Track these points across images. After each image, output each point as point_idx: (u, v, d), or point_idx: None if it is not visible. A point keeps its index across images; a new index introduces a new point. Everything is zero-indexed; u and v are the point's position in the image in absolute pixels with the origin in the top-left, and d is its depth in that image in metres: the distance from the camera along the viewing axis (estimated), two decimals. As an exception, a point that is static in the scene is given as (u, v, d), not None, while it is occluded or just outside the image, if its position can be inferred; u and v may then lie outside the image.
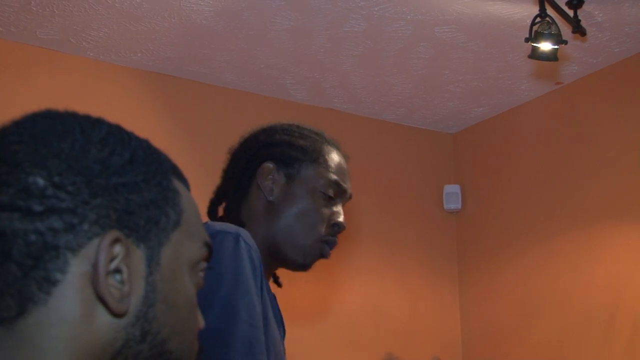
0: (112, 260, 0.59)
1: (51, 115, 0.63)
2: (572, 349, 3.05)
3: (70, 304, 0.58)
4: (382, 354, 1.45)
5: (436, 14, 2.66)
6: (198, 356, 0.69)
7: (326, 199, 1.29)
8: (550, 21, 2.37)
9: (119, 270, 0.59)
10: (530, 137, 3.44)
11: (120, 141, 0.63)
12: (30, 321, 0.57)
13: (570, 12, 2.49)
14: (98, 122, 0.64)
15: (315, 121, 3.49)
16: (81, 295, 0.58)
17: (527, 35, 2.39)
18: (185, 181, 0.70)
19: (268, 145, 1.31)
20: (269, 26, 2.76)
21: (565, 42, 2.40)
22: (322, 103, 3.48)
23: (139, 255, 0.61)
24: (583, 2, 2.49)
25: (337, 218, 1.30)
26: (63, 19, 2.67)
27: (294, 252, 1.26)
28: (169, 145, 0.74)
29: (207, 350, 0.98)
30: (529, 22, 2.42)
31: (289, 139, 1.31)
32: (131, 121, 0.68)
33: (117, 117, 0.68)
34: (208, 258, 0.69)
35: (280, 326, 1.30)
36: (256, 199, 1.29)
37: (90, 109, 0.67)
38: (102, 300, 0.58)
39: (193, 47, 2.92)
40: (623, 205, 2.94)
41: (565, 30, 2.53)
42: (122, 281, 0.59)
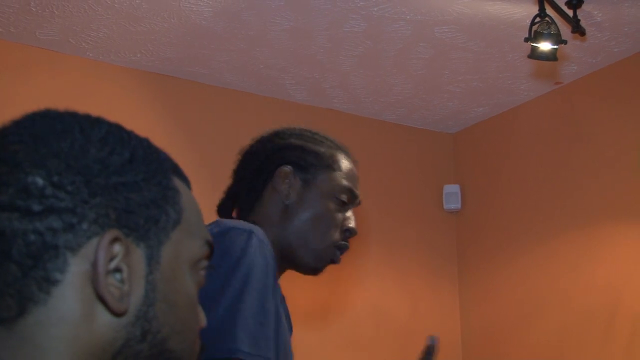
0: (111, 259, 0.58)
1: (51, 115, 0.63)
2: (572, 348, 3.05)
3: (70, 304, 0.57)
4: (382, 354, 1.45)
5: (436, 14, 2.66)
6: (200, 355, 0.68)
7: (339, 204, 1.32)
8: (550, 21, 2.37)
9: (118, 270, 0.59)
10: (529, 137, 3.44)
11: (120, 140, 0.63)
12: (31, 321, 0.57)
13: (570, 12, 2.49)
14: (98, 121, 0.64)
15: (315, 121, 3.51)
16: (81, 295, 0.58)
17: (527, 35, 2.40)
18: (186, 179, 0.70)
19: (283, 148, 1.32)
20: (268, 26, 2.76)
21: (565, 42, 2.40)
22: (322, 103, 3.48)
23: (138, 254, 0.61)
24: (582, 2, 2.49)
25: (350, 223, 1.33)
26: (63, 19, 2.67)
27: (307, 256, 1.29)
28: (168, 146, 0.74)
29: (213, 344, 0.98)
30: (528, 22, 2.42)
31: (304, 143, 1.33)
32: (131, 121, 0.68)
33: (117, 117, 0.68)
34: (209, 256, 0.69)
35: (289, 327, 1.31)
36: (270, 201, 1.30)
37: (90, 109, 0.67)
38: (102, 299, 0.58)
39: (192, 48, 2.93)
40: (623, 205, 2.94)
41: (565, 30, 2.53)
42: (122, 280, 0.59)
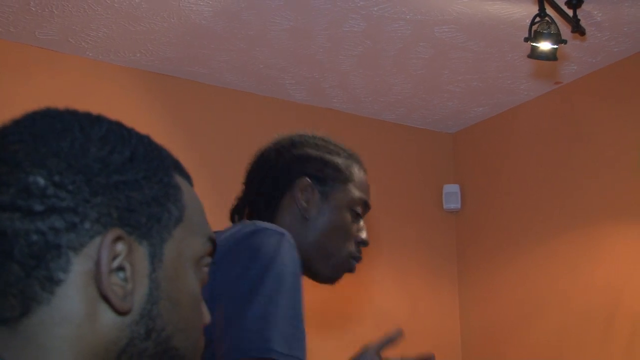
0: (114, 258, 0.58)
1: (50, 114, 0.63)
2: (572, 348, 3.05)
3: (73, 303, 0.57)
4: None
5: (435, 13, 2.66)
6: (204, 351, 0.68)
7: (354, 215, 1.35)
8: (550, 21, 2.37)
9: (121, 268, 0.59)
10: (529, 136, 3.44)
11: (121, 138, 0.63)
12: (34, 321, 0.57)
13: (570, 12, 2.49)
14: (98, 119, 0.64)
15: (315, 121, 3.51)
16: (84, 294, 0.58)
17: (527, 35, 2.40)
18: (187, 176, 0.69)
19: (302, 159, 1.33)
20: (268, 26, 2.76)
21: (565, 41, 2.40)
22: (322, 103, 3.48)
23: (141, 253, 0.61)
24: (582, 1, 2.49)
25: (363, 235, 1.36)
26: (62, 19, 2.67)
27: (325, 266, 1.32)
28: (168, 145, 0.74)
29: (247, 344, 1.00)
30: (528, 21, 2.42)
31: (322, 155, 1.34)
32: (130, 121, 0.68)
33: (116, 117, 0.68)
34: (212, 253, 0.69)
35: None
36: (288, 212, 1.31)
37: (89, 109, 0.67)
38: (105, 298, 0.58)
39: (192, 47, 2.92)
40: (622, 205, 2.94)
41: (565, 29, 2.53)
42: (125, 279, 0.59)
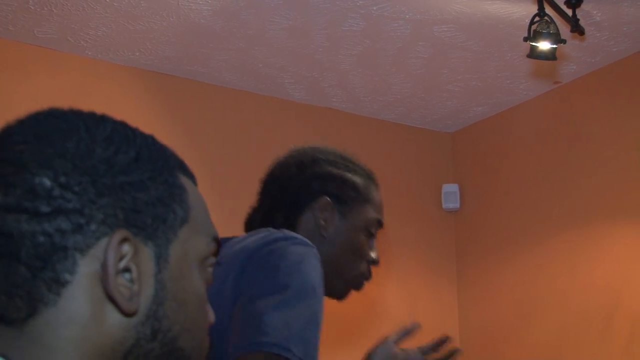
0: (120, 259, 0.58)
1: (55, 114, 0.63)
2: (570, 348, 3.05)
3: (79, 305, 0.57)
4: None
5: (435, 13, 2.66)
6: (209, 351, 0.69)
7: (368, 235, 1.36)
8: (549, 20, 2.37)
9: (128, 269, 0.59)
10: (528, 136, 3.44)
11: (126, 139, 0.63)
12: (40, 322, 0.57)
13: (569, 12, 2.49)
14: (102, 119, 0.64)
15: (314, 120, 3.51)
16: (91, 296, 0.58)
17: (526, 35, 2.39)
18: (192, 177, 0.70)
19: (323, 178, 1.34)
20: (267, 25, 2.75)
21: (564, 41, 2.40)
22: (321, 102, 3.48)
23: (147, 254, 0.61)
24: (582, 1, 2.49)
25: (374, 254, 1.38)
26: (61, 17, 2.67)
27: (337, 284, 1.33)
28: (166, 144, 0.74)
29: (267, 339, 1.01)
30: (527, 21, 2.42)
31: (343, 174, 1.35)
32: (129, 120, 0.68)
33: (115, 116, 0.68)
34: (217, 253, 0.69)
35: None
36: (306, 228, 1.32)
37: (89, 108, 0.67)
38: (112, 299, 0.58)
39: (191, 46, 2.92)
40: (621, 205, 2.94)
41: (564, 29, 2.53)
42: (131, 280, 0.59)
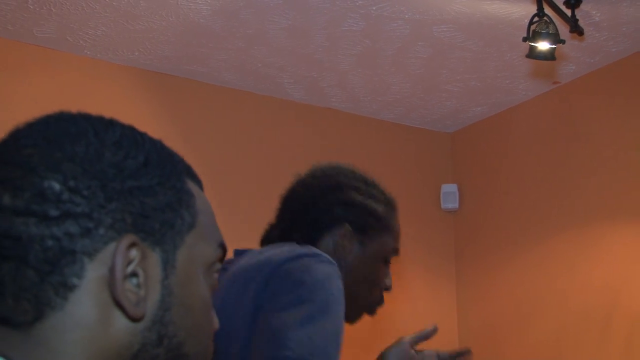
0: (128, 264, 0.58)
1: (64, 118, 0.63)
2: (570, 348, 3.05)
3: (86, 309, 0.57)
4: (379, 352, 1.46)
5: (434, 13, 2.66)
6: (213, 357, 0.69)
7: (385, 263, 1.36)
8: (548, 20, 2.37)
9: (135, 274, 0.59)
10: (527, 136, 3.44)
11: (135, 144, 0.63)
12: (47, 325, 0.57)
13: (568, 12, 2.50)
14: (111, 124, 0.64)
15: (313, 120, 3.51)
16: (98, 300, 0.58)
17: (525, 35, 2.40)
18: (199, 182, 0.70)
19: (346, 205, 1.33)
20: (266, 25, 2.75)
21: (563, 41, 2.40)
22: (320, 102, 3.48)
23: (154, 259, 0.61)
24: (581, 1, 2.50)
25: (389, 282, 1.38)
26: (60, 17, 2.66)
27: (352, 310, 1.32)
28: (166, 144, 0.74)
29: (288, 353, 1.03)
30: (526, 21, 2.42)
31: (365, 202, 1.33)
32: (128, 120, 0.68)
33: (115, 116, 0.68)
34: (223, 259, 0.69)
35: None
36: (325, 251, 1.31)
37: (88, 107, 0.67)
38: (119, 304, 0.58)
39: (191, 46, 2.92)
40: (620, 205, 2.95)
41: (563, 29, 2.53)
42: (138, 285, 0.59)
